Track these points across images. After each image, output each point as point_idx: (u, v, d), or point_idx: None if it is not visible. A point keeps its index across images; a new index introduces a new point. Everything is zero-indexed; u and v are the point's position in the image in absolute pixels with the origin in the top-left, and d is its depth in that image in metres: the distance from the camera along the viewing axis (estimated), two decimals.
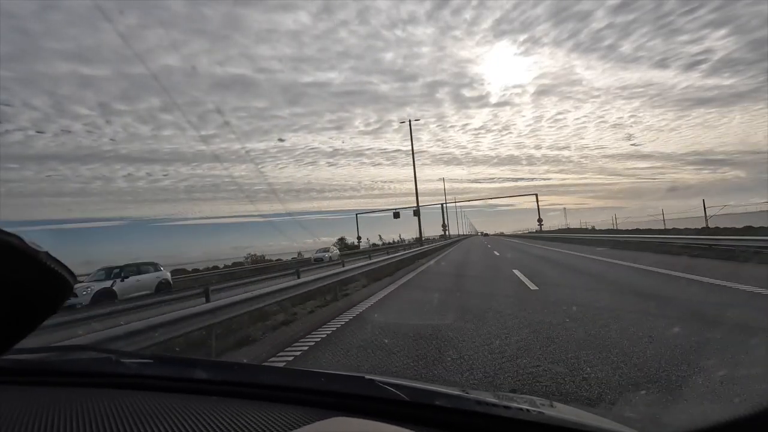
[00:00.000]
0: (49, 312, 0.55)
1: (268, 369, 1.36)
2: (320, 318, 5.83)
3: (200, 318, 4.05)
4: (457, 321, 4.85)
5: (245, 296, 4.95)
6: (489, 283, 8.88)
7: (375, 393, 0.77)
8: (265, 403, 0.78)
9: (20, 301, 0.51)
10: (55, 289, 0.52)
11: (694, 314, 4.45)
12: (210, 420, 0.68)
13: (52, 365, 1.05)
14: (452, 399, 0.77)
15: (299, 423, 0.69)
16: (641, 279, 7.50)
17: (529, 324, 4.45)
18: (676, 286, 6.53)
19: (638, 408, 2.37)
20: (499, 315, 5.02)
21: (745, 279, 6.33)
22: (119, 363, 1.04)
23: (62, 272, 0.51)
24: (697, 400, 2.38)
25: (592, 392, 2.55)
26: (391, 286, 9.21)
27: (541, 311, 5.08)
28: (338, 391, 0.81)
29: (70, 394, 0.83)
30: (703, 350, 3.18)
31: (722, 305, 4.78)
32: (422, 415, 0.73)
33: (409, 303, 6.91)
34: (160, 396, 0.81)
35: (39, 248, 0.47)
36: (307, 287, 6.70)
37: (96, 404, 0.75)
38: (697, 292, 5.86)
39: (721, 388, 2.50)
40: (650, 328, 3.93)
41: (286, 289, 5.96)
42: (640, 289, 6.31)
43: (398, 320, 5.38)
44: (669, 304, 5.04)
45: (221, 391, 0.86)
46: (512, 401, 0.80)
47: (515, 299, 6.14)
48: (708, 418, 0.62)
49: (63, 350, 1.33)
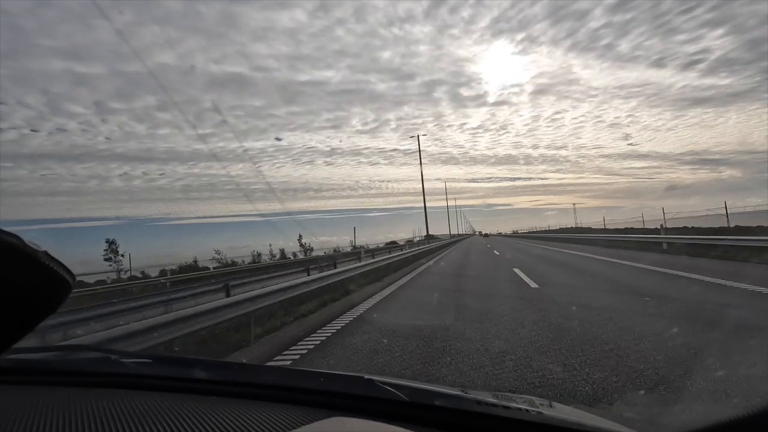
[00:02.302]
0: (48, 312, 0.55)
1: (268, 369, 1.36)
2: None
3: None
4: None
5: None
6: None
7: (374, 393, 0.77)
8: (265, 403, 0.78)
9: (19, 300, 0.51)
10: (54, 289, 0.52)
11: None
12: (209, 420, 0.68)
13: (52, 365, 1.04)
14: (452, 399, 0.77)
15: (299, 423, 0.68)
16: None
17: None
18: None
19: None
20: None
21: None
22: (118, 363, 1.04)
23: (61, 272, 0.50)
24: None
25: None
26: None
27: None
28: (338, 391, 0.81)
29: (69, 393, 0.83)
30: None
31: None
32: (422, 415, 0.73)
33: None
34: (160, 396, 0.81)
35: (38, 248, 0.47)
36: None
37: (95, 404, 0.74)
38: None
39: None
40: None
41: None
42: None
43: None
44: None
45: (221, 391, 0.86)
46: (511, 401, 0.80)
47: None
48: (707, 418, 0.62)
49: (62, 350, 1.33)
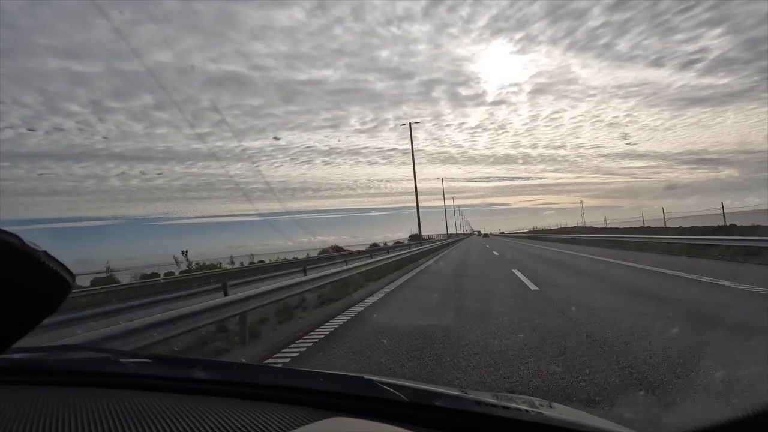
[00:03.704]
0: (48, 311, 0.55)
1: (268, 369, 1.36)
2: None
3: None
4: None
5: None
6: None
7: (374, 393, 0.77)
8: (264, 403, 0.78)
9: (19, 300, 0.51)
10: (54, 289, 0.52)
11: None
12: (208, 420, 0.68)
13: (51, 365, 1.04)
14: (451, 399, 0.77)
15: (298, 423, 0.68)
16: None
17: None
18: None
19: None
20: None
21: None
22: (117, 362, 1.04)
23: (61, 272, 0.50)
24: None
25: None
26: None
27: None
28: (337, 392, 0.81)
29: (68, 393, 0.83)
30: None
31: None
32: (421, 416, 0.73)
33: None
34: (159, 396, 0.81)
35: (38, 248, 0.47)
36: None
37: (95, 404, 0.74)
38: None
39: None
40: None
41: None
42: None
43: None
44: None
45: (220, 390, 0.85)
46: (511, 401, 0.80)
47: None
48: (707, 418, 0.62)
49: (62, 349, 1.33)
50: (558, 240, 30.24)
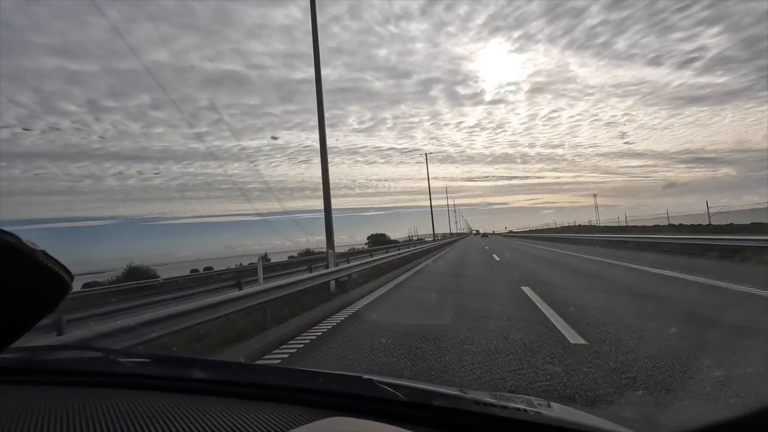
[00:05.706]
0: (46, 311, 0.55)
1: (267, 368, 1.35)
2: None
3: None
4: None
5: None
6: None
7: (373, 393, 0.77)
8: (263, 403, 0.78)
9: (17, 299, 0.51)
10: (52, 288, 0.52)
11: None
12: (207, 420, 0.68)
13: (50, 364, 1.04)
14: (450, 399, 0.77)
15: (297, 423, 0.68)
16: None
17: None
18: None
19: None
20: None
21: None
22: (117, 362, 1.04)
23: (59, 271, 0.50)
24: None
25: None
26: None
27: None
28: (337, 391, 0.81)
29: (67, 393, 0.83)
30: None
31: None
32: (420, 415, 0.73)
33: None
34: (157, 395, 0.81)
35: (36, 247, 0.47)
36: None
37: (92, 403, 0.74)
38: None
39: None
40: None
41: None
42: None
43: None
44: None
45: (219, 390, 0.85)
46: (510, 401, 0.80)
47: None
48: (705, 418, 0.63)
49: (61, 349, 1.32)
50: (578, 242, 22.86)
